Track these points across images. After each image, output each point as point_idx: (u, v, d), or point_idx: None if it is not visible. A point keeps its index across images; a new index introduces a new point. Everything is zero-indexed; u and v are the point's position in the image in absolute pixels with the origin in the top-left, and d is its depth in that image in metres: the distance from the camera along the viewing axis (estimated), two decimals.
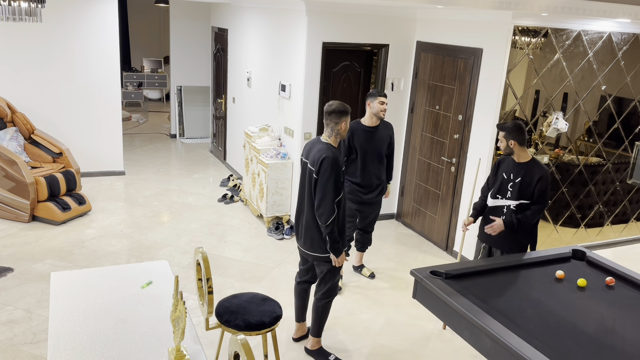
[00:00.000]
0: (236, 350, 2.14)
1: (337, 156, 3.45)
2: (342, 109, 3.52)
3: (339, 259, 3.56)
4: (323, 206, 3.42)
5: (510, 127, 3.79)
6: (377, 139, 4.59)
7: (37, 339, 3.80)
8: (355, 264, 5.17)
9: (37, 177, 5.75)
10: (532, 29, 4.84)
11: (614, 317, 2.95)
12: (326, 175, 3.40)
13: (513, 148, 3.81)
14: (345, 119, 3.52)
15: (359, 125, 4.58)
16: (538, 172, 3.76)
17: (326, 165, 3.40)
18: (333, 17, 5.56)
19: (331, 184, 3.40)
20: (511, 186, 3.83)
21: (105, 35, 7.01)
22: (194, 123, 9.97)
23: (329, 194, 3.40)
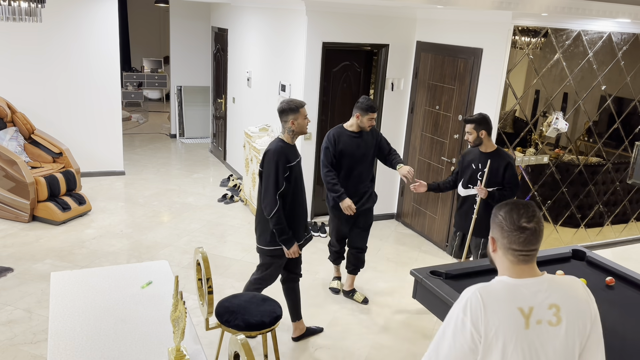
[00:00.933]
0: (236, 350, 2.14)
1: (282, 150, 3.49)
2: (286, 108, 3.55)
3: (290, 251, 3.59)
4: (266, 198, 3.49)
5: (479, 119, 4.01)
6: (363, 144, 4.30)
7: (37, 339, 3.80)
8: (346, 288, 4.69)
9: (37, 177, 5.75)
10: (532, 29, 4.84)
11: (614, 317, 2.95)
12: (268, 167, 3.49)
13: (483, 138, 4.03)
14: (292, 116, 3.53)
15: (343, 130, 4.30)
16: (505, 159, 4.03)
17: (268, 158, 3.49)
18: (333, 17, 5.56)
19: (272, 176, 3.46)
20: (480, 175, 4.07)
21: (105, 35, 7.01)
22: (194, 123, 9.97)
23: (271, 186, 3.47)
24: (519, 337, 1.69)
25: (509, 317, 1.70)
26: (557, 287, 1.76)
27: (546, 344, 1.72)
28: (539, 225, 1.76)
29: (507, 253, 1.78)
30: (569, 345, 1.73)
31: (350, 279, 4.69)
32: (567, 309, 1.74)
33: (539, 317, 1.72)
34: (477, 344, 1.70)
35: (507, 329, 1.69)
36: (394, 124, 6.19)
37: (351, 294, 4.67)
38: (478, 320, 1.69)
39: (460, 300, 1.76)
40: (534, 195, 5.42)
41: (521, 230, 1.74)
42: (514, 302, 1.72)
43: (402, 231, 6.28)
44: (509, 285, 1.75)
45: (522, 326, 1.70)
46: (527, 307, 1.72)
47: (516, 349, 1.69)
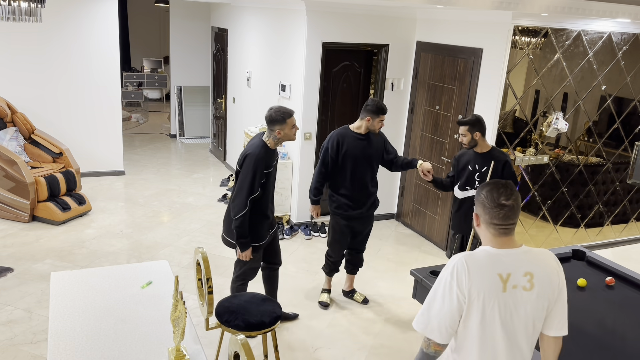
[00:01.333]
0: (236, 350, 2.14)
1: (264, 157, 3.50)
2: (274, 117, 3.53)
3: (243, 254, 3.64)
4: (237, 199, 3.52)
5: (473, 120, 3.97)
6: (370, 147, 4.17)
7: (37, 339, 3.80)
8: (346, 288, 4.66)
9: (37, 177, 5.75)
10: (532, 29, 4.84)
11: (614, 317, 2.95)
12: (245, 171, 3.50)
13: (478, 140, 3.98)
14: (279, 127, 3.52)
15: (349, 131, 4.15)
16: (501, 158, 3.99)
17: (248, 162, 3.49)
18: (333, 17, 5.56)
19: (248, 180, 3.47)
20: (478, 176, 4.03)
21: (105, 35, 7.01)
22: (194, 123, 9.97)
23: (244, 190, 3.49)
24: (496, 299, 1.98)
25: (489, 281, 1.98)
26: (532, 257, 2.04)
27: (519, 305, 2.01)
28: (517, 202, 2.02)
29: (488, 227, 2.05)
30: (539, 308, 2.03)
31: (349, 279, 4.65)
32: (540, 276, 2.02)
33: (515, 283, 2.00)
34: (462, 304, 1.99)
35: (487, 291, 1.98)
36: (394, 124, 6.19)
37: (351, 294, 4.64)
38: (462, 283, 1.97)
39: (448, 266, 2.03)
40: (534, 195, 5.42)
41: (500, 207, 2.00)
42: (494, 268, 2.00)
43: (402, 231, 6.28)
44: (490, 254, 2.02)
45: (500, 289, 1.99)
46: (505, 273, 2.00)
47: (494, 308, 1.99)
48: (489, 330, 2.01)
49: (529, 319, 2.03)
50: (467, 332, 2.04)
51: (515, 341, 2.04)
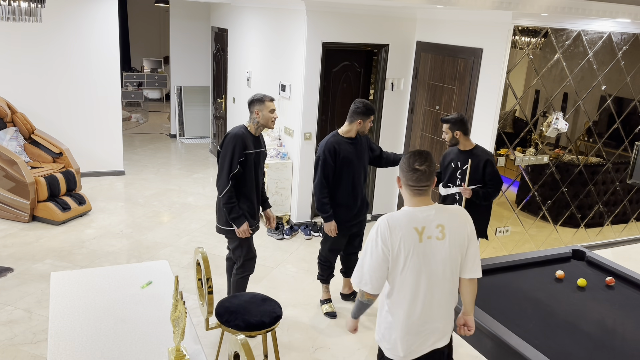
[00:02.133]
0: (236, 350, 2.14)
1: (242, 136, 3.64)
2: (254, 99, 3.71)
3: (240, 230, 3.70)
4: (220, 178, 3.65)
5: (455, 119, 4.07)
6: (361, 150, 4.14)
7: (37, 339, 3.80)
8: (346, 291, 4.62)
9: (37, 177, 5.75)
10: (532, 29, 4.84)
11: (614, 317, 2.95)
12: (225, 149, 3.63)
13: (459, 138, 4.09)
14: (257, 107, 3.69)
15: (341, 138, 4.06)
16: (484, 156, 4.06)
17: (227, 140, 3.64)
18: (333, 17, 5.56)
19: (228, 156, 3.60)
20: (460, 174, 4.11)
21: (105, 35, 7.01)
22: (194, 123, 9.96)
23: (225, 167, 3.61)
24: (415, 249, 2.36)
25: (408, 234, 2.36)
26: (442, 212, 2.42)
27: (434, 253, 2.38)
28: (429, 168, 2.39)
29: (406, 188, 2.44)
30: (452, 254, 2.41)
31: (347, 282, 4.60)
32: (450, 228, 2.40)
33: (429, 234, 2.38)
34: (387, 256, 2.37)
35: (406, 243, 2.36)
36: (394, 124, 6.19)
37: (352, 296, 4.61)
38: (386, 240, 2.36)
39: (374, 227, 2.41)
40: (534, 195, 5.42)
41: (414, 171, 2.39)
42: (410, 223, 2.37)
43: None
44: (407, 212, 2.41)
45: (417, 241, 2.37)
46: (420, 226, 2.38)
47: (413, 257, 2.36)
48: (412, 276, 2.39)
49: (445, 264, 2.40)
50: (395, 280, 2.42)
51: (434, 284, 2.41)
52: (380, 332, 2.55)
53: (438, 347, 2.52)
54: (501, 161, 5.14)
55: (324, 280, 4.46)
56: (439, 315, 2.46)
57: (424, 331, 2.46)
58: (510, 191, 5.30)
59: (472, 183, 4.07)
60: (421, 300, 2.41)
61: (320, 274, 4.44)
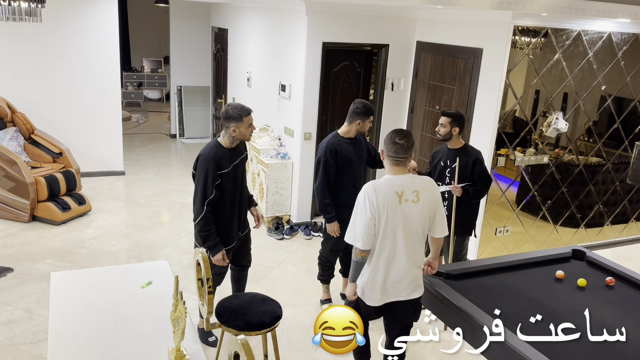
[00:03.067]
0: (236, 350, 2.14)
1: (215, 157, 3.42)
2: (231, 115, 3.42)
3: (215, 259, 3.52)
4: (195, 204, 3.47)
5: (457, 115, 4.06)
6: (360, 149, 4.17)
7: (37, 339, 3.80)
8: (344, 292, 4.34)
9: (37, 177, 5.75)
10: (532, 29, 4.84)
11: (614, 317, 2.95)
12: (198, 173, 3.45)
13: (454, 135, 4.06)
14: (234, 124, 3.43)
15: (341, 138, 4.07)
16: (472, 155, 4.06)
17: (200, 163, 3.45)
18: (333, 17, 5.56)
19: (201, 182, 3.41)
20: (449, 172, 4.10)
21: (105, 35, 7.00)
22: (194, 123, 9.96)
23: (199, 192, 3.43)
24: (395, 209, 2.85)
25: (389, 197, 2.84)
26: (417, 180, 2.93)
27: (411, 213, 2.88)
28: (407, 143, 2.87)
29: (387, 159, 2.92)
30: (424, 214, 2.92)
31: (347, 282, 4.51)
32: (423, 193, 2.90)
33: (407, 197, 2.87)
34: (374, 215, 2.84)
35: (388, 204, 2.84)
36: (394, 124, 6.18)
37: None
38: (373, 200, 2.83)
39: (361, 192, 2.88)
40: (534, 195, 5.42)
41: (394, 144, 2.87)
42: (392, 188, 2.86)
43: None
44: (388, 179, 2.90)
45: (397, 202, 2.86)
46: (400, 191, 2.87)
47: (394, 215, 2.85)
48: (392, 232, 2.87)
49: (419, 224, 2.91)
50: (378, 237, 2.88)
51: (410, 239, 2.90)
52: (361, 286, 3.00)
53: (414, 298, 3.01)
54: (501, 161, 5.14)
55: (324, 280, 4.46)
56: (413, 266, 2.95)
57: (401, 280, 2.94)
58: (510, 191, 5.30)
59: (461, 181, 4.07)
60: (399, 254, 2.90)
61: (320, 274, 4.45)
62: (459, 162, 4.04)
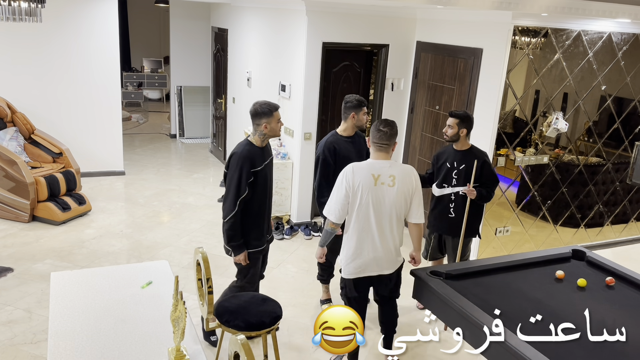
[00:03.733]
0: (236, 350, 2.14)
1: (248, 155, 3.42)
2: (259, 111, 3.43)
3: (237, 259, 3.55)
4: (226, 202, 3.46)
5: (465, 116, 4.05)
6: (358, 148, 4.16)
7: (37, 339, 3.80)
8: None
9: (37, 177, 5.75)
10: (532, 29, 4.84)
11: (614, 317, 2.95)
12: (231, 171, 3.42)
13: (461, 136, 4.06)
14: (266, 120, 3.43)
15: (339, 137, 4.11)
16: (480, 157, 4.06)
17: (233, 162, 3.42)
18: (333, 17, 5.56)
19: (235, 180, 3.39)
20: (456, 174, 4.09)
21: (105, 35, 7.00)
22: (194, 123, 9.96)
23: (232, 191, 3.40)
24: (370, 190, 3.14)
25: (366, 178, 3.14)
26: (395, 166, 3.20)
27: (385, 196, 3.16)
28: (391, 130, 3.19)
29: (372, 145, 3.22)
30: (399, 198, 3.18)
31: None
32: (399, 178, 3.17)
33: (382, 181, 3.15)
34: (348, 193, 3.15)
35: (364, 184, 3.13)
36: None
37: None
38: (349, 179, 3.14)
39: (342, 171, 3.20)
40: (534, 195, 5.42)
41: (378, 131, 3.19)
42: (370, 170, 3.16)
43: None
44: (369, 162, 3.22)
45: (373, 184, 3.14)
46: (376, 174, 3.15)
47: (369, 196, 3.14)
48: (365, 212, 3.16)
49: (392, 207, 3.17)
50: (352, 214, 3.18)
51: (382, 219, 3.18)
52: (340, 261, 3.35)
53: (384, 274, 3.33)
54: (501, 161, 5.14)
55: (324, 280, 4.48)
56: (383, 246, 3.23)
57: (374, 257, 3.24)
58: (510, 191, 5.30)
59: (467, 183, 4.06)
60: (372, 231, 3.19)
61: (320, 274, 4.46)
62: (466, 164, 4.03)
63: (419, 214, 3.26)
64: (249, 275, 3.70)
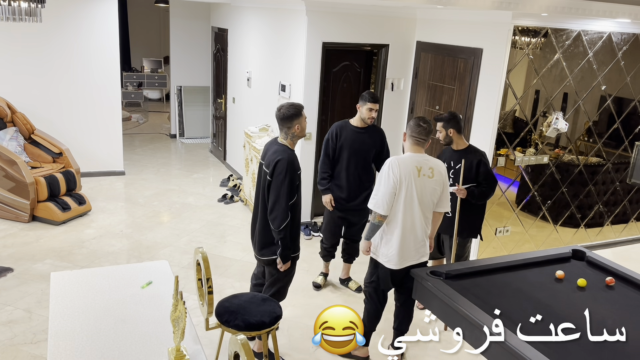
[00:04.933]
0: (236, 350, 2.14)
1: (294, 159, 3.37)
2: (289, 114, 3.39)
3: (285, 266, 3.49)
4: (276, 210, 3.32)
5: (448, 117, 4.10)
6: (366, 142, 4.34)
7: (37, 339, 3.80)
8: (342, 276, 4.85)
9: (37, 177, 5.75)
10: (532, 29, 4.84)
11: (614, 317, 2.95)
12: (280, 177, 3.30)
13: (452, 136, 4.10)
14: (297, 121, 3.40)
15: (347, 125, 4.36)
16: (476, 156, 4.08)
17: (281, 168, 3.30)
18: (333, 17, 5.56)
19: (285, 186, 3.29)
20: (453, 173, 4.11)
21: (105, 35, 7.00)
22: (194, 123, 9.96)
23: (283, 197, 3.30)
24: (414, 180, 3.32)
25: (410, 170, 3.31)
26: (431, 160, 3.42)
27: (426, 186, 3.35)
28: (429, 127, 3.41)
29: (409, 138, 3.41)
30: (436, 188, 3.39)
31: (345, 267, 4.81)
32: (437, 171, 3.38)
33: (424, 172, 3.34)
34: (395, 184, 3.29)
35: (408, 176, 3.30)
36: (394, 124, 6.18)
37: (346, 282, 4.81)
38: (396, 171, 3.29)
39: (386, 164, 3.36)
40: (534, 195, 5.42)
41: (418, 126, 3.38)
42: (412, 163, 3.33)
43: None
44: (410, 155, 3.39)
45: (416, 175, 3.32)
46: (419, 166, 3.34)
47: (413, 187, 3.31)
48: (410, 201, 3.32)
49: (431, 196, 3.37)
50: (397, 205, 3.32)
51: (424, 209, 3.36)
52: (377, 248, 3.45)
53: (422, 261, 3.46)
54: (501, 161, 5.14)
55: (322, 258, 4.79)
56: (424, 234, 3.42)
57: (414, 246, 3.38)
58: (510, 191, 5.30)
59: (465, 182, 4.06)
60: (416, 221, 3.34)
61: (320, 252, 4.80)
62: (463, 163, 4.04)
63: (446, 204, 3.48)
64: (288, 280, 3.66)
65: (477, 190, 4.05)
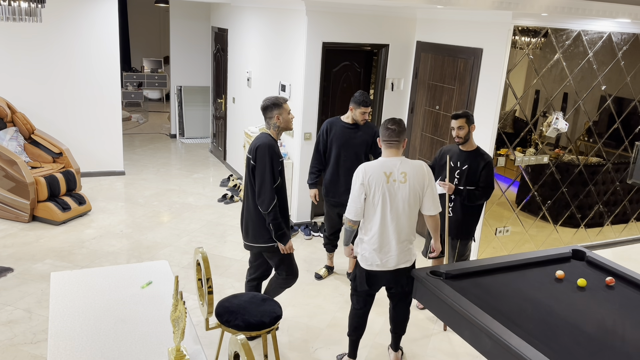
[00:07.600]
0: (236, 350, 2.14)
1: (273, 144, 3.50)
2: (267, 104, 3.53)
3: (287, 247, 3.59)
4: (263, 193, 3.46)
5: (468, 113, 4.03)
6: (357, 138, 4.51)
7: (37, 339, 3.80)
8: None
9: (37, 177, 5.75)
10: (532, 29, 4.84)
11: (614, 317, 2.95)
12: (262, 161, 3.45)
13: (471, 133, 4.04)
14: (276, 111, 3.52)
15: (339, 121, 4.56)
16: (484, 159, 4.03)
17: (261, 152, 3.45)
18: (333, 17, 5.57)
19: (268, 169, 3.44)
20: (458, 174, 4.08)
21: (105, 35, 7.01)
22: (194, 123, 9.96)
23: (267, 180, 3.44)
24: (383, 187, 3.25)
25: (379, 176, 3.25)
26: (406, 162, 3.30)
27: (397, 192, 3.27)
28: (398, 128, 3.31)
29: (382, 142, 3.35)
30: (410, 195, 3.27)
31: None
32: (410, 174, 3.27)
33: (395, 178, 3.26)
34: (361, 190, 3.26)
35: (377, 182, 3.25)
36: None
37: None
38: (363, 179, 3.25)
39: (356, 171, 3.31)
40: (534, 195, 5.42)
41: (386, 129, 3.32)
42: (382, 169, 3.26)
43: None
44: (380, 161, 3.32)
45: (385, 181, 3.25)
46: (388, 171, 3.26)
47: (382, 192, 3.25)
48: (380, 209, 3.27)
49: (405, 201, 3.27)
50: (368, 212, 3.30)
51: (396, 216, 3.28)
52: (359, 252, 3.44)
53: (401, 267, 3.38)
54: (501, 161, 5.14)
55: (326, 247, 4.96)
56: (398, 241, 3.31)
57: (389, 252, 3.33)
58: (510, 191, 5.30)
59: (468, 185, 4.04)
60: (387, 226, 3.29)
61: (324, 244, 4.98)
62: (469, 165, 4.00)
63: (433, 206, 3.34)
64: (292, 265, 3.75)
65: (465, 190, 4.01)
